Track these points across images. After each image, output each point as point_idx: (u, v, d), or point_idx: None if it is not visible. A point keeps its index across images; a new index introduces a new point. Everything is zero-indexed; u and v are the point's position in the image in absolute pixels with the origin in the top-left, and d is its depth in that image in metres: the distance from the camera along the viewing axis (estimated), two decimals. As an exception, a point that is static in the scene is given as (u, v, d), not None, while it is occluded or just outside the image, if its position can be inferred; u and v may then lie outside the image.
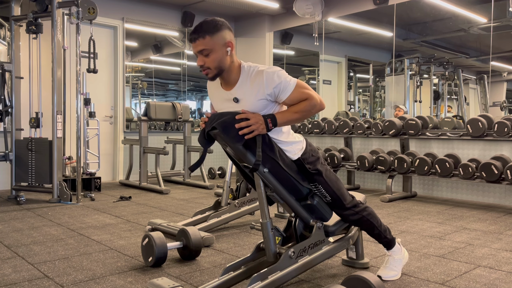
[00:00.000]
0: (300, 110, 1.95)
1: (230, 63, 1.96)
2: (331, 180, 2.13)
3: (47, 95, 5.04)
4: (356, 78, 7.41)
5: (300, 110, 1.95)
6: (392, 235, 2.36)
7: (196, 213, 3.50)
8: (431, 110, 6.19)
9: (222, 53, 1.92)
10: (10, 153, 4.74)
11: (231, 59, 1.96)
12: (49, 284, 2.26)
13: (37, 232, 3.36)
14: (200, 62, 1.93)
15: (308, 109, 1.95)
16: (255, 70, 1.95)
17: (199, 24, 1.91)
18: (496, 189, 4.67)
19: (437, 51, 6.21)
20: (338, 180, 2.18)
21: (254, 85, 1.92)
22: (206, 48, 1.89)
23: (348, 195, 2.21)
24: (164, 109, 5.80)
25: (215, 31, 1.89)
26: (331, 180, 2.13)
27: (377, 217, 2.28)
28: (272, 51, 7.26)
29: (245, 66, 2.00)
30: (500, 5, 4.94)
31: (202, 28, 1.89)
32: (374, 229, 2.27)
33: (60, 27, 4.72)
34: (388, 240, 2.34)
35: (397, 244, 2.38)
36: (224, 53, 1.92)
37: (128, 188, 5.73)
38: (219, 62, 1.92)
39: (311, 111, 1.97)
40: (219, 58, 1.91)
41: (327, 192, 2.11)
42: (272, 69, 1.93)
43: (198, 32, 1.88)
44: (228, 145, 1.97)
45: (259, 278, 1.94)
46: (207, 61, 1.91)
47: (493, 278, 2.38)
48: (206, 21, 1.91)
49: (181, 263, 2.64)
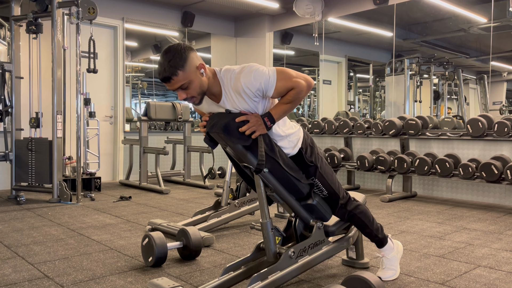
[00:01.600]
0: (291, 100, 1.93)
1: (208, 80, 1.92)
2: (326, 173, 2.13)
3: (47, 95, 5.04)
4: (356, 78, 7.41)
5: (291, 100, 1.93)
6: (384, 233, 2.34)
7: (196, 213, 3.50)
8: (431, 110, 6.19)
9: (198, 79, 1.87)
10: (10, 153, 4.74)
11: (207, 76, 1.91)
12: (49, 284, 2.26)
13: (37, 232, 3.36)
14: (183, 96, 1.89)
15: (298, 97, 1.93)
16: (232, 78, 1.91)
17: (163, 61, 1.82)
18: (496, 189, 4.67)
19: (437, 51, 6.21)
20: (333, 174, 2.18)
21: (237, 94, 1.90)
22: (183, 83, 1.84)
23: (343, 190, 2.20)
24: (164, 109, 5.80)
25: (183, 62, 1.82)
26: (326, 173, 2.12)
27: (370, 215, 2.27)
28: (272, 51, 7.26)
29: (221, 75, 1.95)
30: (500, 5, 4.94)
31: (170, 65, 1.80)
32: (366, 227, 2.25)
33: (60, 27, 4.72)
34: (380, 239, 2.32)
35: (389, 241, 2.36)
36: (200, 77, 1.88)
37: (128, 188, 5.73)
38: (200, 87, 1.89)
39: (301, 97, 1.95)
40: (198, 84, 1.88)
41: (323, 186, 2.11)
42: (247, 72, 1.87)
43: (168, 72, 1.81)
44: (228, 145, 1.97)
45: (259, 278, 1.94)
46: (188, 92, 1.88)
47: (493, 278, 2.38)
48: (170, 55, 1.82)
49: (181, 263, 2.64)
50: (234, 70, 1.92)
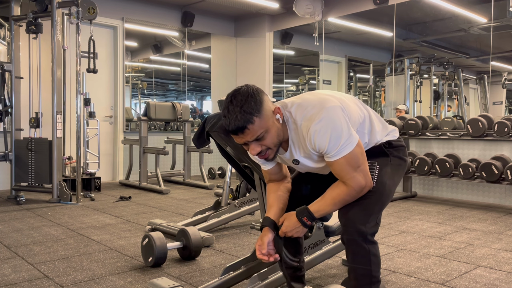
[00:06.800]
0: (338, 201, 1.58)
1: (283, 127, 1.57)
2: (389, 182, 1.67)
3: (47, 95, 5.04)
4: (356, 78, 7.41)
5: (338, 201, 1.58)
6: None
7: (196, 213, 3.50)
8: (431, 110, 6.19)
9: (275, 126, 1.53)
10: (10, 153, 4.74)
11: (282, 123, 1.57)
12: (49, 284, 2.26)
13: (37, 232, 3.36)
14: (257, 150, 1.53)
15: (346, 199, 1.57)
16: (301, 126, 1.56)
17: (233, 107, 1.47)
18: (496, 189, 4.67)
19: (437, 51, 6.21)
20: (392, 191, 1.70)
21: (305, 146, 1.59)
22: (260, 132, 1.49)
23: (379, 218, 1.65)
24: (164, 109, 5.80)
25: (259, 107, 1.48)
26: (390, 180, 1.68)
27: (379, 265, 1.62)
28: (272, 51, 7.26)
29: (288, 118, 1.60)
30: (500, 5, 4.94)
31: (244, 111, 1.46)
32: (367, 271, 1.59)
33: (60, 27, 4.72)
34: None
35: None
36: (277, 124, 1.54)
37: (128, 188, 5.73)
38: (277, 136, 1.55)
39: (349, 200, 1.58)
40: (276, 132, 1.53)
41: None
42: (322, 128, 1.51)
43: (242, 120, 1.46)
44: (229, 145, 1.97)
45: (259, 278, 1.94)
46: (264, 143, 1.53)
47: (493, 278, 2.38)
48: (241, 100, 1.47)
49: (181, 263, 2.64)
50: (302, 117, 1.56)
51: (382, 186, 1.63)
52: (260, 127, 1.48)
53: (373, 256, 1.57)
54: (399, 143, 1.78)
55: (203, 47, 7.51)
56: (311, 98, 1.61)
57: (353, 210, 1.57)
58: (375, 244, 1.58)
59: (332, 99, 1.60)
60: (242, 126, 1.46)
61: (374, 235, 1.59)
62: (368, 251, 1.55)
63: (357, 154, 1.54)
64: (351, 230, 1.55)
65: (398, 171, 1.74)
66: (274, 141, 1.54)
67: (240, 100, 1.47)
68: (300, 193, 1.83)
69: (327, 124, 1.51)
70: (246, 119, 1.46)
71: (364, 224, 1.54)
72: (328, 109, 1.53)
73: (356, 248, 1.56)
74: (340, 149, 1.51)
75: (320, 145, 1.53)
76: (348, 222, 1.56)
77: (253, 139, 1.50)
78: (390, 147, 1.73)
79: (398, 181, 1.74)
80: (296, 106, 1.59)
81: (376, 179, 1.63)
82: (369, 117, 1.71)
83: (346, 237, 1.58)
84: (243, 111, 1.46)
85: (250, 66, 7.47)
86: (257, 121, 1.47)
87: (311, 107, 1.56)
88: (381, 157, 1.70)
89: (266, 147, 1.54)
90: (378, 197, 1.60)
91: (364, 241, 1.54)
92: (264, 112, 1.49)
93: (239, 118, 1.46)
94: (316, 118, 1.52)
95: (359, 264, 1.57)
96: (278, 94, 7.64)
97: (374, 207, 1.59)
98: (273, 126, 1.52)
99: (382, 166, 1.67)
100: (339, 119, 1.52)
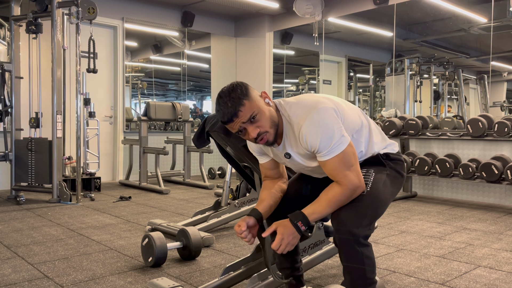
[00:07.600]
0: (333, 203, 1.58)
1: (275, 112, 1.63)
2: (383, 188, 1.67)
3: (47, 95, 5.04)
4: (356, 78, 7.40)
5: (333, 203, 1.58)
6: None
7: (196, 213, 3.50)
8: (431, 110, 6.19)
9: (267, 108, 1.60)
10: (10, 153, 4.74)
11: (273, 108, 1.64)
12: (49, 284, 2.26)
13: (37, 232, 3.36)
14: (255, 131, 1.57)
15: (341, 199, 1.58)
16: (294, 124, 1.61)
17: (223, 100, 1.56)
18: (496, 189, 4.67)
19: (437, 51, 6.21)
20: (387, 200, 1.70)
21: (297, 141, 1.62)
22: (252, 111, 1.55)
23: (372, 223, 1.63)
24: (164, 109, 5.80)
25: (246, 92, 1.57)
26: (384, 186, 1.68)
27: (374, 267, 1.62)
28: (272, 51, 7.26)
29: (282, 111, 1.66)
30: (500, 5, 4.94)
31: (233, 97, 1.54)
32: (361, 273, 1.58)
33: (60, 27, 4.72)
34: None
35: None
36: (267, 106, 1.61)
37: (128, 188, 5.73)
38: (270, 118, 1.59)
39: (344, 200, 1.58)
40: (268, 114, 1.59)
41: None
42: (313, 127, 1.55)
43: (233, 106, 1.54)
44: (229, 145, 1.97)
45: (259, 278, 1.94)
46: (260, 125, 1.57)
47: (493, 278, 2.38)
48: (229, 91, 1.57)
49: (181, 263, 2.63)
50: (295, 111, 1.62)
51: (376, 191, 1.63)
52: (251, 107, 1.55)
53: (366, 258, 1.56)
54: (397, 157, 1.79)
55: (203, 47, 7.51)
56: (307, 98, 1.67)
57: (346, 212, 1.57)
58: (368, 247, 1.58)
59: (327, 101, 1.63)
60: (235, 110, 1.54)
61: (367, 238, 1.58)
62: (361, 253, 1.55)
63: (350, 153, 1.57)
64: (343, 231, 1.54)
65: (394, 183, 1.74)
66: (269, 123, 1.59)
67: (227, 92, 1.56)
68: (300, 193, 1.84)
69: (318, 123, 1.55)
70: (237, 103, 1.54)
71: (356, 226, 1.54)
72: (320, 109, 1.57)
73: (349, 249, 1.55)
74: (332, 148, 1.55)
75: (312, 144, 1.57)
76: (340, 224, 1.56)
77: (247, 120, 1.55)
78: (387, 159, 1.75)
79: (394, 193, 1.74)
80: (292, 105, 1.65)
81: (371, 184, 1.64)
82: (368, 127, 1.74)
83: (338, 239, 1.57)
84: (232, 98, 1.54)
85: (250, 66, 7.47)
86: (247, 103, 1.55)
87: (305, 107, 1.61)
88: (377, 166, 1.72)
89: (264, 129, 1.58)
90: (371, 201, 1.60)
91: (356, 243, 1.54)
92: (252, 96, 1.58)
93: (230, 105, 1.54)
94: (308, 117, 1.57)
95: (353, 265, 1.57)
96: (278, 94, 7.64)
97: (366, 210, 1.58)
98: (264, 107, 1.59)
99: (377, 173, 1.69)
100: (331, 119, 1.56)
